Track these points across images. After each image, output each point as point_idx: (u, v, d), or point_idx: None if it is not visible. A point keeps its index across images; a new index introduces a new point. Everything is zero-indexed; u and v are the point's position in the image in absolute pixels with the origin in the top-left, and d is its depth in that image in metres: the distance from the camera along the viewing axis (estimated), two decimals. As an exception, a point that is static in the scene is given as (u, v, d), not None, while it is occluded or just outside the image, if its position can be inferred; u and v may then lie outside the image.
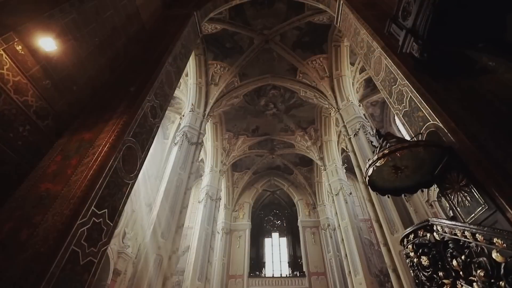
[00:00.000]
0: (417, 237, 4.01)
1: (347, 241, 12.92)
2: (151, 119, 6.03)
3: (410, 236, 4.12)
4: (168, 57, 6.93)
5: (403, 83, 5.73)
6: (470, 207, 4.13)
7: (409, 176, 5.13)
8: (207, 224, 13.52)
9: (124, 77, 6.33)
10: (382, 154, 4.64)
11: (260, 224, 22.77)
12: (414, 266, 3.95)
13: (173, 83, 7.25)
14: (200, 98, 13.01)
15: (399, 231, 8.83)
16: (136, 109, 5.51)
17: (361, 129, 11.22)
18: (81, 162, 4.51)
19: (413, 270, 3.98)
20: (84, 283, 3.88)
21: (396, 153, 4.52)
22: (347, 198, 13.80)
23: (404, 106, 5.80)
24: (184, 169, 10.74)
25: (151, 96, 6.09)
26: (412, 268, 4.01)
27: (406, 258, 4.21)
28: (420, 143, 4.61)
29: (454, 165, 4.44)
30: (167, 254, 9.04)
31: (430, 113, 4.98)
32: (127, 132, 5.12)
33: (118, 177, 4.81)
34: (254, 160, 19.60)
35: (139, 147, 5.48)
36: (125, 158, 5.02)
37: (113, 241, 12.45)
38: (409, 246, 4.11)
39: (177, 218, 9.73)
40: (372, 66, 7.04)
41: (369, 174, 4.93)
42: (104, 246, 4.38)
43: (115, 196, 4.68)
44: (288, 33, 12.73)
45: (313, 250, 17.72)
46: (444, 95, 5.05)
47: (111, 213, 4.55)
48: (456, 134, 4.44)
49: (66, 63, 5.15)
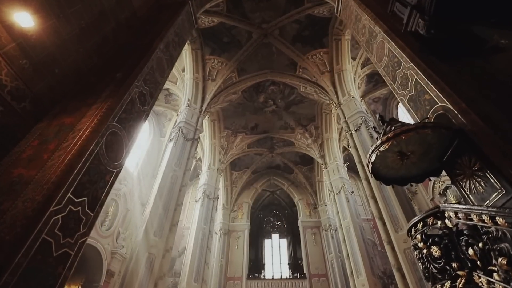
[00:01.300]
0: (426, 225, 3.63)
1: (349, 241, 12.49)
2: (139, 106, 5.68)
3: (418, 225, 3.73)
4: (160, 43, 6.61)
5: (408, 65, 5.39)
6: (484, 193, 3.76)
7: (416, 163, 4.76)
8: (204, 223, 13.11)
9: (112, 63, 6.00)
10: (386, 138, 4.27)
11: (260, 225, 22.30)
12: (424, 258, 3.55)
13: (165, 71, 6.92)
14: (197, 94, 12.69)
15: (403, 229, 8.42)
16: (123, 94, 5.16)
17: (363, 124, 10.85)
18: (59, 146, 4.16)
19: (422, 263, 3.59)
20: (57, 277, 3.51)
21: (401, 136, 4.15)
22: (348, 196, 13.39)
23: (409, 91, 5.45)
24: (179, 165, 10.38)
25: (140, 81, 5.75)
26: (421, 261, 3.61)
27: (414, 250, 3.82)
28: (428, 124, 4.23)
29: (465, 148, 4.07)
30: (160, 253, 8.65)
31: (438, 94, 4.62)
32: (112, 116, 4.77)
33: (101, 164, 4.45)
34: (253, 159, 19.21)
35: (125, 133, 5.13)
36: (108, 144, 4.67)
37: (106, 241, 12.08)
38: (417, 236, 3.71)
39: (171, 215, 9.35)
40: (375, 52, 6.71)
41: (372, 161, 4.55)
42: (82, 238, 4.01)
43: (96, 184, 4.32)
44: (287, 27, 12.43)
45: (314, 251, 17.24)
46: (453, 76, 4.69)
47: (91, 202, 4.18)
48: (467, 115, 4.08)
49: (47, 44, 4.82)
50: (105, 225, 11.97)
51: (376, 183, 9.56)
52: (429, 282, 3.48)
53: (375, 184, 9.51)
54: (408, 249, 8.10)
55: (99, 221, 11.76)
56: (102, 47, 6.17)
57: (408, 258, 8.00)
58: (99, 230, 11.65)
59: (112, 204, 12.52)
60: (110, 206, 12.41)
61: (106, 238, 12.03)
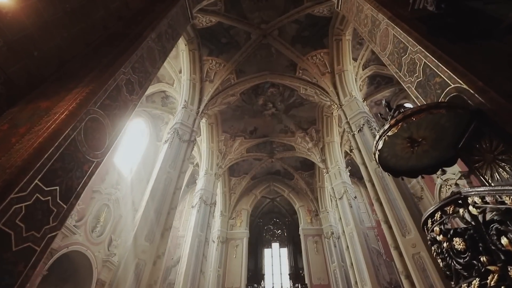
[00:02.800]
0: (445, 215, 3.14)
1: (352, 248, 11.85)
2: (126, 94, 5.28)
3: (436, 215, 3.24)
4: (151, 32, 6.28)
5: (415, 49, 5.02)
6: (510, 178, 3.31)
7: (428, 152, 4.30)
8: (200, 230, 12.52)
9: (99, 51, 5.63)
10: (395, 121, 3.84)
11: (259, 233, 21.57)
12: (444, 253, 3.05)
13: (157, 62, 6.56)
14: (194, 95, 12.35)
15: (411, 233, 7.89)
16: (107, 79, 4.77)
17: (366, 125, 10.44)
18: (30, 130, 3.73)
19: (442, 259, 3.08)
20: (17, 276, 3.01)
21: (411, 117, 3.71)
22: (351, 202, 12.83)
23: (416, 76, 5.07)
24: (174, 167, 9.91)
25: (128, 68, 5.38)
26: (440, 256, 3.10)
27: (431, 245, 3.31)
28: (441, 104, 3.79)
29: (485, 130, 3.63)
30: (151, 259, 8.09)
31: (451, 75, 4.22)
32: (93, 101, 4.36)
33: (78, 151, 4.01)
34: (252, 164, 18.70)
35: (108, 122, 4.70)
36: (88, 131, 4.25)
37: (97, 248, 11.49)
38: (436, 228, 3.22)
39: (164, 219, 8.83)
40: (378, 41, 6.39)
41: (379, 148, 4.10)
42: (52, 232, 3.53)
43: (72, 173, 3.86)
44: (286, 27, 12.18)
45: (315, 261, 16.48)
46: (465, 56, 4.30)
47: (65, 192, 3.72)
48: (485, 94, 3.67)
49: (26, 24, 4.46)
50: (96, 232, 11.41)
51: (381, 185, 9.08)
52: (451, 282, 2.98)
53: (380, 186, 9.02)
54: (417, 255, 7.55)
55: (90, 227, 11.22)
56: (89, 35, 5.82)
57: (417, 264, 7.42)
58: (90, 237, 11.08)
59: (104, 209, 12.00)
60: (102, 211, 11.89)
61: (97, 245, 11.44)
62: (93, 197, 11.41)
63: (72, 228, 10.08)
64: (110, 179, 12.30)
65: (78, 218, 10.50)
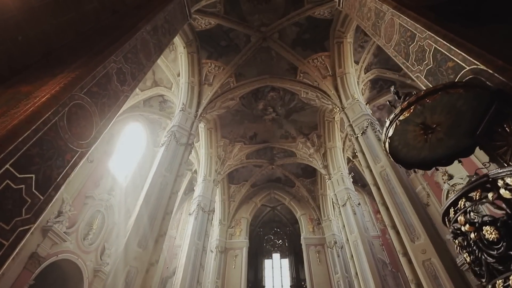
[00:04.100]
0: (471, 201, 2.76)
1: (357, 257, 11.30)
2: (117, 84, 4.97)
3: (460, 203, 2.85)
4: (147, 24, 6.04)
5: (424, 36, 4.76)
6: (542, 160, 2.93)
7: (442, 140, 3.95)
8: (197, 238, 12.00)
9: (91, 41, 5.37)
10: (407, 104, 3.51)
11: (259, 243, 20.91)
12: (471, 246, 2.64)
13: (152, 55, 6.29)
14: (192, 98, 12.07)
15: (420, 238, 7.41)
16: (96, 65, 4.47)
17: (369, 127, 10.11)
18: (6, 113, 3.39)
19: (469, 253, 2.66)
20: (-22, 273, 2.60)
21: (426, 99, 3.37)
22: (355, 208, 12.34)
23: (426, 64, 4.78)
24: (170, 170, 9.52)
25: (119, 57, 5.09)
26: (467, 250, 2.69)
27: (455, 238, 2.91)
28: (459, 83, 3.47)
29: (508, 112, 3.29)
30: (144, 266, 7.60)
31: (465, 57, 3.92)
32: (79, 87, 4.04)
33: (59, 138, 3.66)
34: (252, 171, 18.25)
35: (96, 110, 4.37)
36: (73, 117, 3.91)
37: (89, 257, 10.95)
38: (460, 217, 2.83)
39: (158, 224, 8.37)
40: (383, 33, 6.16)
41: (389, 135, 3.75)
42: (25, 225, 3.14)
43: (51, 161, 3.50)
44: (287, 30, 12.03)
45: (318, 271, 15.79)
46: (480, 38, 4.01)
47: (42, 182, 3.35)
48: (506, 72, 3.37)
49: (10, 6, 4.19)
50: (88, 239, 10.90)
51: (387, 188, 8.66)
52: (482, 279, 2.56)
53: (386, 190, 8.60)
54: (428, 261, 7.06)
55: (82, 234, 10.72)
56: (81, 25, 5.55)
57: (428, 272, 6.93)
58: (81, 245, 10.57)
59: (98, 216, 11.53)
60: (95, 218, 11.42)
61: (89, 253, 10.91)
62: (86, 203, 10.97)
63: (62, 235, 9.60)
64: (104, 185, 11.88)
65: (69, 225, 10.01)
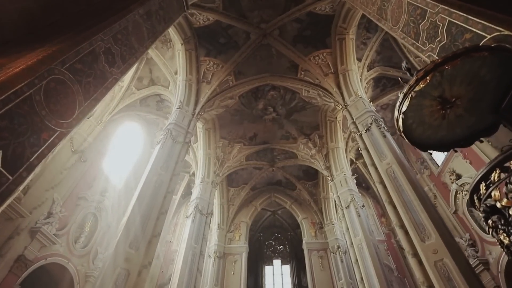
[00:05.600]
0: (507, 172, 2.34)
1: (362, 261, 10.75)
2: (105, 64, 4.61)
3: (493, 175, 2.44)
4: (139, 7, 5.72)
5: (436, 10, 4.42)
6: None
7: (462, 118, 3.53)
8: (194, 242, 11.47)
9: (79, 20, 5.04)
10: (423, 72, 3.10)
11: (260, 248, 20.28)
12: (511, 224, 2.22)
13: (145, 40, 5.96)
14: (190, 96, 11.73)
15: (431, 237, 6.93)
16: (81, 41, 4.12)
17: (374, 123, 9.72)
18: (-27, 84, 3.01)
19: (508, 233, 2.24)
20: None
21: (444, 65, 2.97)
22: (359, 210, 11.84)
23: (439, 41, 4.42)
24: (165, 169, 9.08)
25: (108, 36, 4.74)
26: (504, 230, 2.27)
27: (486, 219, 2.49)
28: (483, 46, 3.07)
29: (541, 80, 2.89)
30: (136, 268, 7.10)
31: (485, 26, 3.55)
32: (60, 60, 3.69)
33: (36, 114, 3.28)
34: (252, 174, 17.76)
35: (79, 89, 4.00)
36: (52, 93, 3.54)
37: (81, 261, 10.43)
38: (494, 192, 2.43)
39: (152, 224, 7.90)
40: (389, 16, 5.82)
41: (403, 111, 3.34)
42: (-13, 207, 2.72)
43: (24, 137, 3.10)
44: (287, 27, 11.76)
45: (321, 277, 15.14)
46: (498, 4, 3.66)
47: (11, 159, 2.94)
48: (537, 35, 2.96)
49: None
50: (80, 242, 10.40)
51: (394, 186, 8.21)
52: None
53: (393, 187, 8.16)
54: (440, 262, 6.56)
55: (73, 237, 10.22)
56: (69, 7, 5.22)
57: (441, 273, 6.43)
58: (72, 248, 10.07)
59: (90, 218, 11.05)
60: (88, 220, 10.94)
61: (80, 257, 10.39)
62: (78, 204, 10.51)
63: (52, 237, 9.10)
64: (98, 186, 11.44)
65: (59, 226, 9.52)
